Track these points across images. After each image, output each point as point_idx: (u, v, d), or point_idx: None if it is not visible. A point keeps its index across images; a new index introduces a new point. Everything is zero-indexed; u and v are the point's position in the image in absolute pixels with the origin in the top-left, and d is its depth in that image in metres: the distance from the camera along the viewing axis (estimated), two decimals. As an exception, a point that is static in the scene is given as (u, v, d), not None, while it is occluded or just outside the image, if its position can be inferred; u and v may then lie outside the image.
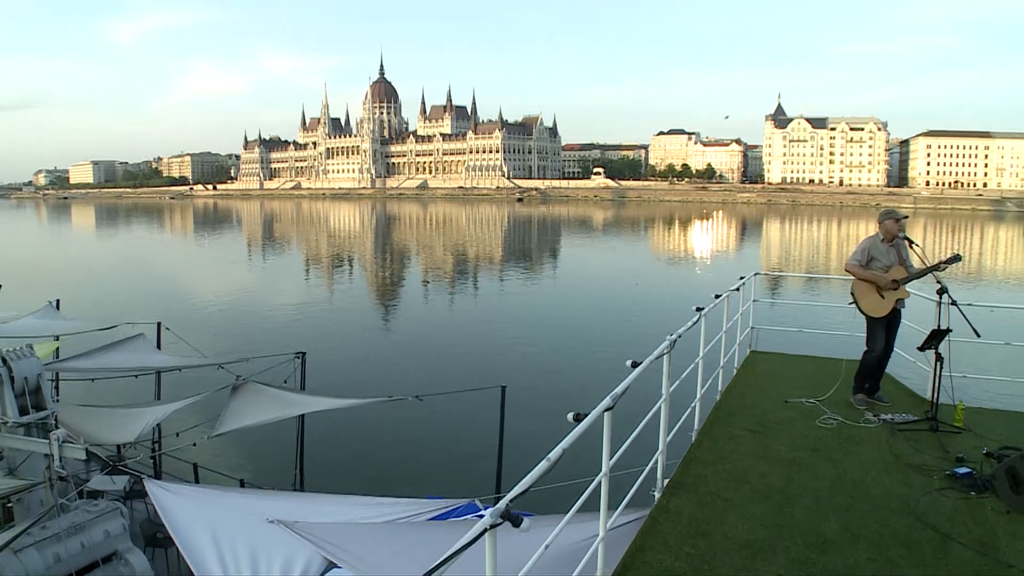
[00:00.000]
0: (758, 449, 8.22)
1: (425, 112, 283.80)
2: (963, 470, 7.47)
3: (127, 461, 12.79)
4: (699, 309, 8.24)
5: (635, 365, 5.80)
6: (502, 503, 3.38)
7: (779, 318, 16.28)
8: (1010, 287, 42.07)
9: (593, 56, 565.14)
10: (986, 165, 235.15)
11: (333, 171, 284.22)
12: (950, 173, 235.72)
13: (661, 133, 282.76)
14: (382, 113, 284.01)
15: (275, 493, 11.27)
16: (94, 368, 14.63)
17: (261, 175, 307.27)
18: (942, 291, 9.12)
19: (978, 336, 8.79)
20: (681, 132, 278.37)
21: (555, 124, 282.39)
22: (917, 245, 9.59)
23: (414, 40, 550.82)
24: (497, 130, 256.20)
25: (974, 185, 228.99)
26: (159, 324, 16.62)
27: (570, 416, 4.66)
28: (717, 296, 9.77)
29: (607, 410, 4.98)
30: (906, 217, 9.97)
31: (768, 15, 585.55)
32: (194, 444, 12.27)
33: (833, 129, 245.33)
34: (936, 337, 8.96)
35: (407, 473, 14.98)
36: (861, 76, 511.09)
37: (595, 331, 28.43)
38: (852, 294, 10.04)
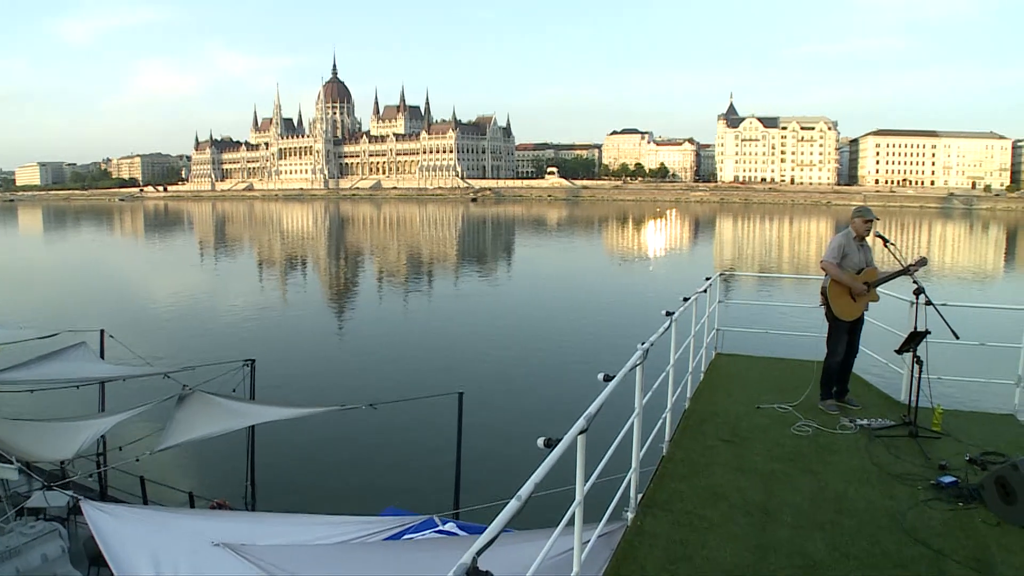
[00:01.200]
0: (733, 460, 7.80)
1: (378, 112, 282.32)
2: (948, 479, 7.14)
3: (69, 478, 12.12)
4: (669, 314, 7.79)
5: (608, 379, 5.30)
6: (467, 556, 2.87)
7: (743, 319, 15.90)
8: (963, 284, 42.44)
9: (547, 56, 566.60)
10: (933, 163, 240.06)
11: (286, 172, 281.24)
12: (898, 171, 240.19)
13: (614, 133, 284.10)
14: (335, 113, 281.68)
15: (223, 513, 10.67)
16: (32, 379, 13.83)
17: (213, 176, 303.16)
18: (918, 292, 8.80)
19: (957, 338, 8.46)
20: (634, 132, 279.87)
21: (509, 124, 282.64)
22: (892, 244, 9.22)
23: (367, 40, 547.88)
24: (451, 130, 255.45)
25: (922, 183, 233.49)
26: (102, 332, 15.84)
27: (540, 442, 4.11)
28: (685, 299, 9.34)
29: (581, 432, 4.43)
30: (876, 219, 9.60)
31: (721, 16, 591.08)
32: (137, 459, 11.60)
33: (784, 128, 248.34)
34: (914, 339, 8.61)
35: (362, 486, 14.35)
36: (812, 76, 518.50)
37: (555, 333, 27.77)
38: (824, 294, 9.67)
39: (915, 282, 8.83)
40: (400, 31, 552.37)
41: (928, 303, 8.87)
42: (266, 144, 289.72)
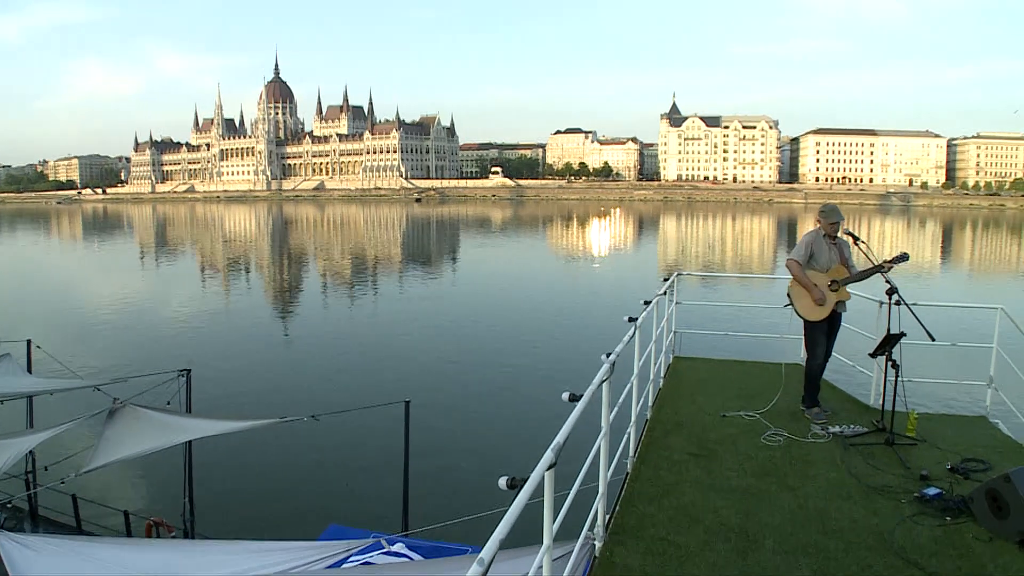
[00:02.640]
0: (704, 477, 7.26)
1: (321, 112, 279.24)
2: (932, 491, 6.70)
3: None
4: (632, 319, 7.23)
5: (574, 399, 4.71)
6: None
7: (700, 321, 15.38)
8: (906, 279, 42.18)
9: (491, 56, 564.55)
10: (871, 161, 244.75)
11: (227, 173, 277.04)
12: (838, 169, 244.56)
13: (558, 132, 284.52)
14: (277, 114, 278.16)
15: (154, 543, 9.97)
16: (-50, 396, 13.01)
17: (153, 178, 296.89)
18: (891, 291, 8.33)
19: (932, 340, 8.06)
20: (578, 131, 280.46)
21: (453, 124, 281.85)
22: (863, 242, 8.80)
23: (309, 39, 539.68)
24: (394, 130, 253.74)
25: (860, 180, 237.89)
26: (28, 342, 14.92)
27: (503, 482, 3.52)
28: (646, 303, 8.82)
29: (550, 467, 3.83)
30: (842, 219, 9.16)
31: (664, 16, 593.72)
32: (62, 481, 10.80)
33: (727, 127, 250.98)
34: (889, 342, 8.17)
35: (305, 502, 13.56)
36: (753, 76, 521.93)
37: (504, 336, 27.04)
38: (788, 295, 9.24)
39: (888, 282, 8.39)
40: (343, 31, 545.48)
41: (898, 303, 8.40)
42: (207, 145, 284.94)
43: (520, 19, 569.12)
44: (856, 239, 8.92)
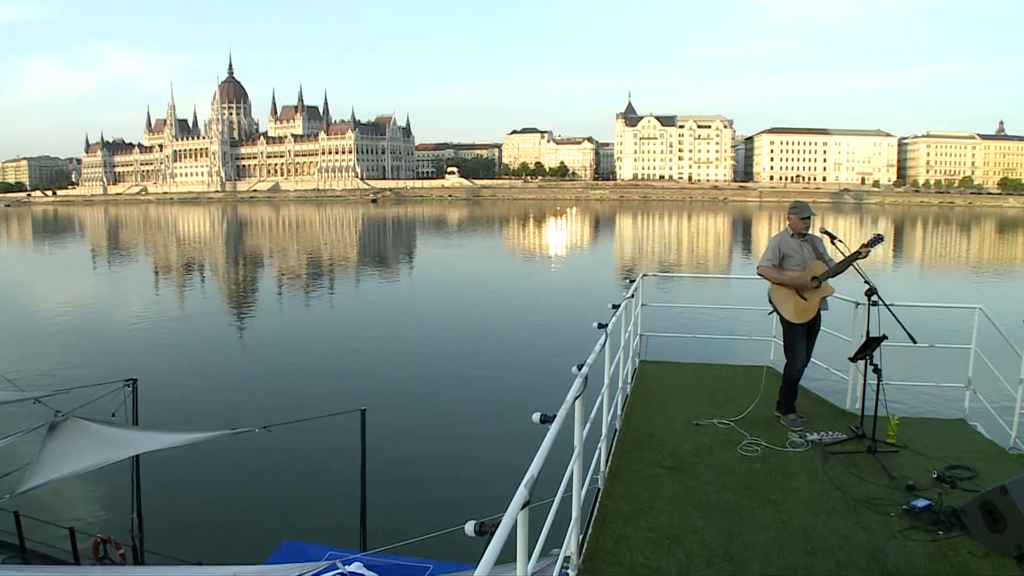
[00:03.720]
0: (681, 493, 6.81)
1: (276, 113, 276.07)
2: (921, 503, 6.36)
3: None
4: (602, 326, 6.79)
5: (546, 420, 4.23)
6: None
7: (666, 322, 15.03)
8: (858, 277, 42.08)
9: (446, 56, 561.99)
10: (825, 160, 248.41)
11: (181, 174, 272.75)
12: (792, 168, 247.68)
13: (514, 132, 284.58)
14: (231, 114, 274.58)
15: (96, 571, 9.39)
16: None
17: (105, 180, 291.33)
18: (871, 292, 7.98)
19: (914, 342, 7.74)
20: (534, 131, 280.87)
21: (408, 124, 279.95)
22: (840, 240, 8.43)
23: (264, 39, 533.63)
24: (350, 130, 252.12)
25: (814, 179, 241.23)
26: (-39, 352, 14.23)
27: (470, 528, 3.08)
28: (615, 306, 8.40)
29: (524, 506, 3.35)
30: (813, 215, 8.81)
31: (619, 17, 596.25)
32: (-1, 499, 10.16)
33: (682, 127, 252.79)
34: (870, 345, 7.82)
35: (259, 516, 12.88)
36: (708, 76, 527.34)
37: (463, 339, 26.28)
38: (770, 301, 8.86)
39: (867, 282, 8.03)
40: (297, 30, 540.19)
41: (875, 303, 8.05)
42: (160, 146, 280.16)
43: (476, 19, 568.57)
44: (833, 238, 8.52)
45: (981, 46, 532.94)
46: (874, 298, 7.99)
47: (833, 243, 8.54)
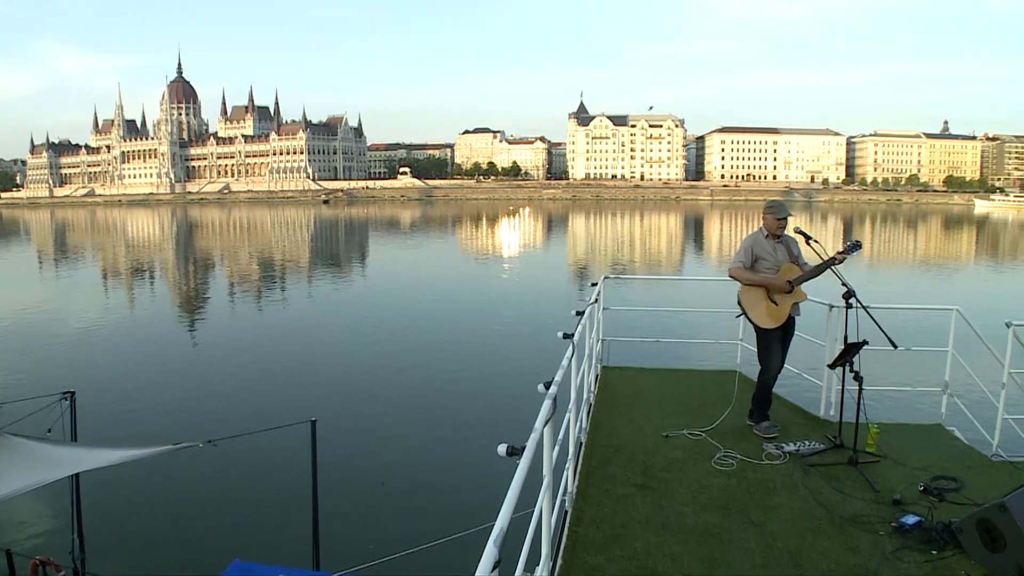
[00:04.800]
0: (656, 515, 6.32)
1: (226, 113, 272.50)
2: (911, 520, 6.02)
3: None
4: (567, 336, 6.30)
5: (514, 452, 3.69)
6: None
7: (628, 326, 14.55)
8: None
9: (398, 56, 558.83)
10: (775, 159, 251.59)
11: (129, 176, 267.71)
12: (742, 166, 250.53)
13: (467, 132, 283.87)
14: (181, 114, 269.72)
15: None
16: None
17: (51, 182, 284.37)
18: (849, 295, 7.59)
19: (895, 347, 7.39)
20: (486, 131, 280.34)
21: (360, 124, 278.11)
22: (816, 241, 8.02)
23: (213, 38, 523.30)
24: (301, 131, 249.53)
25: (764, 177, 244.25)
26: None
27: None
28: (579, 313, 7.96)
29: (495, 567, 2.74)
30: (790, 215, 8.43)
31: (571, 17, 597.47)
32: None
33: (634, 126, 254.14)
34: (851, 351, 7.45)
35: (205, 535, 12.12)
36: (659, 76, 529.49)
37: (421, 345, 25.31)
38: (739, 304, 8.46)
39: (844, 284, 7.65)
40: (248, 29, 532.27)
41: (849, 306, 7.67)
42: (108, 147, 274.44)
43: (428, 19, 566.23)
44: (808, 238, 8.11)
45: (926, 47, 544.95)
46: (852, 301, 7.61)
47: (808, 244, 8.11)
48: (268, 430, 10.82)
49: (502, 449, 3.66)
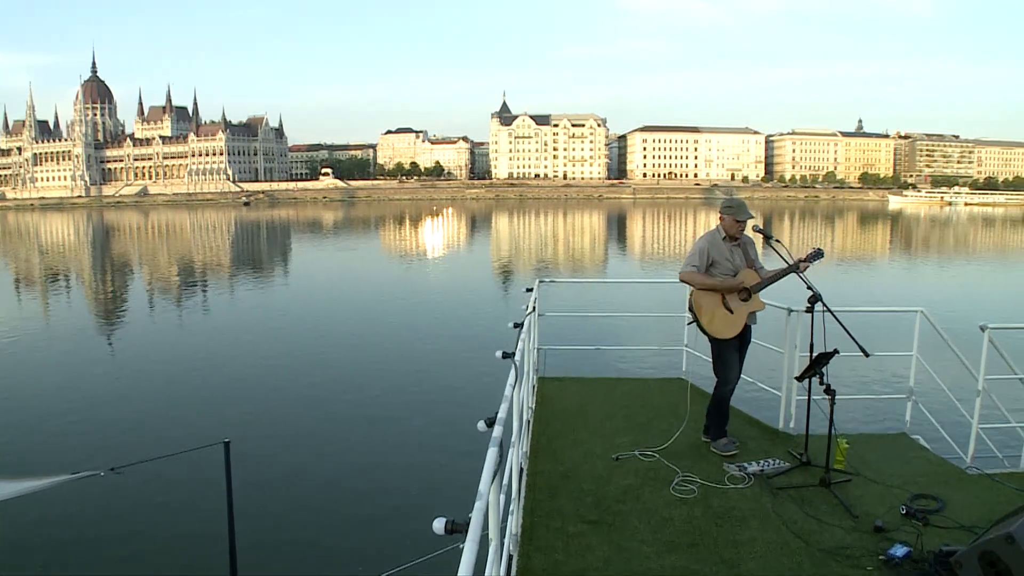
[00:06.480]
0: (615, 558, 5.46)
1: (143, 113, 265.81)
2: (900, 551, 5.38)
3: None
4: (507, 355, 5.44)
5: (455, 530, 2.82)
6: None
7: (565, 333, 13.72)
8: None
9: (320, 55, 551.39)
10: (696, 157, 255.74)
11: (42, 179, 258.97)
12: (664, 165, 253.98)
13: (389, 132, 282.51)
14: (95, 115, 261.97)
15: None
16: None
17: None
18: (815, 299, 6.90)
19: (867, 355, 6.74)
20: (409, 131, 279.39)
21: (281, 124, 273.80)
22: (777, 241, 7.28)
23: (129, 37, 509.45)
24: (220, 131, 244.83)
25: (685, 175, 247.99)
26: None
27: None
28: (516, 325, 7.15)
29: None
30: (751, 217, 7.70)
31: (493, 17, 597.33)
32: None
33: (556, 126, 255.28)
34: (820, 362, 6.79)
35: (110, 572, 11.15)
36: (581, 76, 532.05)
37: (346, 357, 23.76)
38: (691, 311, 7.72)
39: (810, 288, 6.98)
40: (164, 28, 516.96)
41: (810, 310, 7.00)
42: (19, 149, 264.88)
43: (350, 18, 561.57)
44: (768, 238, 7.33)
45: (841, 48, 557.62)
46: (819, 306, 6.95)
47: (769, 244, 7.37)
48: (178, 454, 9.88)
49: (438, 526, 2.82)
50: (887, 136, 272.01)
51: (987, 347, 7.42)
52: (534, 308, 8.88)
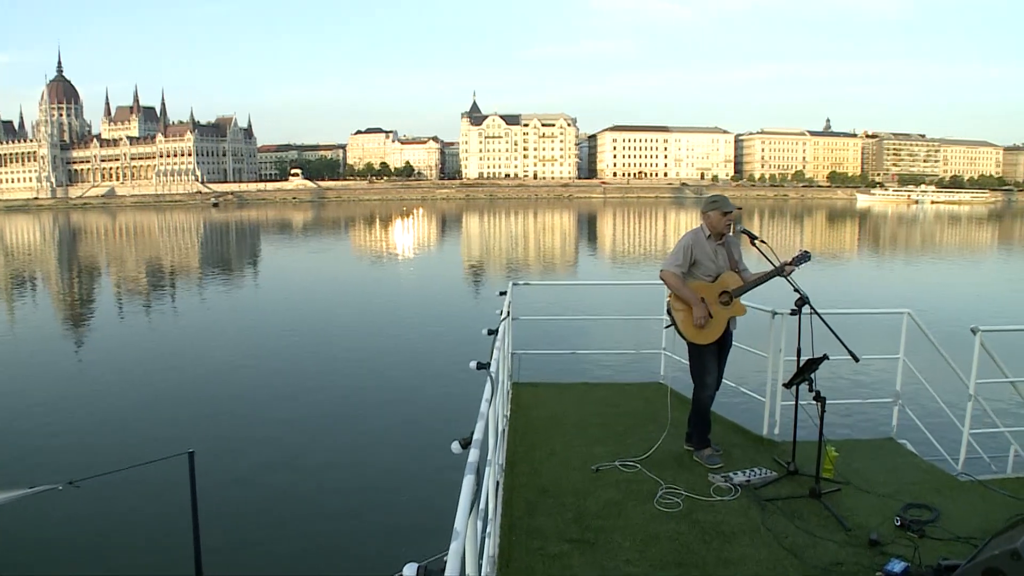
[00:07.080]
0: None
1: (110, 114, 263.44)
2: (898, 567, 5.10)
3: None
4: (482, 366, 5.12)
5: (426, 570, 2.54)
6: None
7: (539, 338, 13.37)
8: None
9: (289, 55, 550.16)
10: (666, 156, 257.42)
11: (6, 180, 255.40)
12: (634, 164, 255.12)
13: (359, 132, 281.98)
14: (61, 115, 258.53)
15: None
16: None
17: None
18: (802, 302, 6.63)
19: (856, 360, 6.49)
20: (379, 131, 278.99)
21: (250, 125, 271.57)
22: (763, 242, 6.97)
23: (96, 36, 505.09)
24: (189, 132, 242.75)
25: (656, 174, 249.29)
26: None
27: None
28: (491, 332, 6.81)
29: None
30: (739, 209, 7.39)
31: (463, 17, 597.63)
32: None
33: (526, 125, 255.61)
34: (809, 368, 6.51)
35: None
36: (551, 76, 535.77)
37: (312, 361, 23.34)
38: (669, 314, 7.45)
39: (797, 290, 6.71)
40: (133, 27, 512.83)
41: (796, 313, 6.74)
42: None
43: (319, 18, 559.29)
44: (754, 238, 7.05)
45: (809, 49, 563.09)
46: (807, 308, 6.68)
47: (753, 244, 7.06)
48: (139, 465, 9.47)
49: (409, 573, 2.49)
50: (855, 135, 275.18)
51: (979, 350, 7.19)
52: (508, 313, 8.57)
